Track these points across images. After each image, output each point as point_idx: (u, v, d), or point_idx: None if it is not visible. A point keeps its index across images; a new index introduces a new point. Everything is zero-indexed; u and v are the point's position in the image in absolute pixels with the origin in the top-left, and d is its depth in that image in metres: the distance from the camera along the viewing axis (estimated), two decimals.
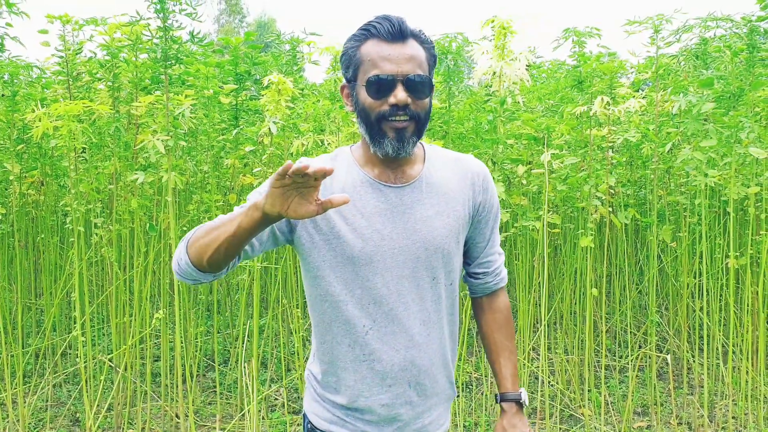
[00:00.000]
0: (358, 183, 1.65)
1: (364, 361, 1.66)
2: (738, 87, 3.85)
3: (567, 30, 4.27)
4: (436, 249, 1.65)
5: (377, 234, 1.62)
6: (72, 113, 3.41)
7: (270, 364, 4.84)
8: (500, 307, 1.88)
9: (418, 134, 1.61)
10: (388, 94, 1.55)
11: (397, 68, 1.55)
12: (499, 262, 1.86)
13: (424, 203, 1.66)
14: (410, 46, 1.58)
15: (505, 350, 1.84)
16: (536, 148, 4.17)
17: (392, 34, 1.57)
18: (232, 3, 38.28)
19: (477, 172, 1.75)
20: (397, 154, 1.59)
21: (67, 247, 5.17)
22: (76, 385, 4.68)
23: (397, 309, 1.64)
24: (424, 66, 1.60)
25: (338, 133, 3.73)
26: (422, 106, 1.59)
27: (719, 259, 4.49)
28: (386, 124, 1.57)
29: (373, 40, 1.58)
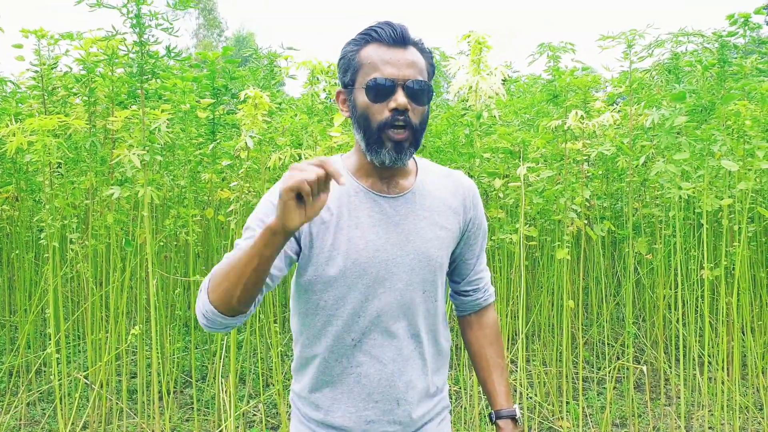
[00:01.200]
0: (351, 192, 1.61)
1: (351, 374, 1.63)
2: (709, 101, 3.91)
3: (542, 45, 4.32)
4: (429, 261, 1.64)
5: (371, 245, 1.58)
6: (47, 128, 3.38)
7: (248, 380, 4.81)
8: (489, 323, 1.85)
9: (415, 145, 1.57)
10: (388, 98, 1.52)
11: (398, 72, 1.52)
12: (488, 278, 1.85)
13: (418, 215, 1.64)
14: (411, 52, 1.56)
15: (497, 367, 1.81)
16: (512, 161, 4.20)
17: (394, 39, 1.54)
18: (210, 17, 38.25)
19: (468, 187, 1.74)
20: (393, 164, 1.55)
21: (42, 263, 5.11)
22: (51, 403, 4.60)
23: (387, 321, 1.61)
24: (425, 74, 1.58)
25: (316, 147, 3.73)
26: (420, 113, 1.55)
27: (695, 271, 4.54)
28: (386, 135, 1.53)
29: (373, 45, 1.55)
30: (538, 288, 5.41)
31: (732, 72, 3.95)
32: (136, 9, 3.33)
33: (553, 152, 4.15)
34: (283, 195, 1.25)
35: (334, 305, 1.60)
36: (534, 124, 4.87)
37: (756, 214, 4.67)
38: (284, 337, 5.72)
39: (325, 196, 1.30)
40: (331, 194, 1.59)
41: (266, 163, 3.80)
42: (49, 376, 4.75)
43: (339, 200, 1.60)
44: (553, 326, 4.87)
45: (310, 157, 3.65)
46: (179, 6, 3.40)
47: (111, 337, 3.96)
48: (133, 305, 5.18)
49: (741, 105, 3.63)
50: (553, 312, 4.85)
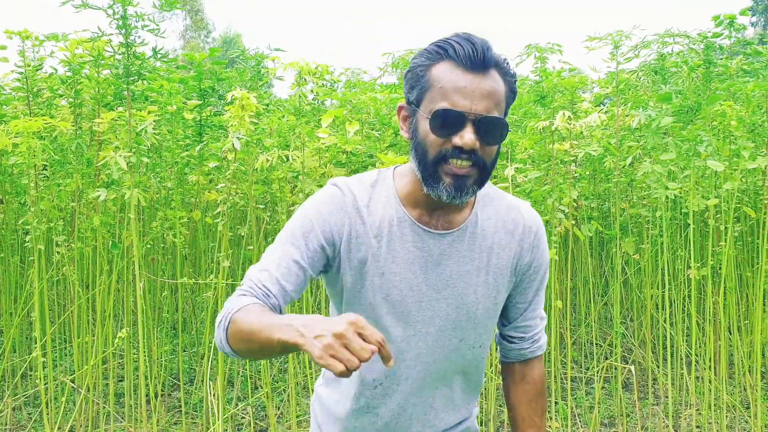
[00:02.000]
0: (395, 221, 1.44)
1: (367, 413, 1.54)
2: (695, 101, 3.94)
3: (529, 46, 4.33)
4: (469, 310, 1.48)
5: (405, 283, 1.44)
6: (32, 130, 3.36)
7: (236, 383, 4.79)
8: (534, 378, 1.65)
9: (480, 183, 1.38)
10: (455, 132, 1.32)
11: (470, 104, 1.31)
12: (540, 327, 1.64)
13: (464, 256, 1.47)
14: (491, 78, 1.34)
15: (531, 428, 1.63)
16: (500, 162, 4.21)
17: (473, 61, 1.32)
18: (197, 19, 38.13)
19: (529, 226, 1.53)
20: (451, 201, 1.37)
21: (27, 267, 5.06)
22: (37, 408, 4.57)
23: (414, 368, 1.49)
24: (502, 106, 1.36)
25: (303, 149, 3.72)
26: (490, 152, 1.36)
27: (681, 270, 4.57)
28: (444, 167, 1.34)
29: (448, 63, 1.34)
30: None
31: (718, 73, 3.97)
32: (122, 10, 3.31)
33: (540, 153, 4.16)
34: (314, 353, 1.07)
35: None
36: (521, 125, 4.88)
37: (742, 214, 4.70)
38: None
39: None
40: (374, 219, 1.45)
41: (253, 165, 3.78)
42: (35, 380, 4.71)
43: (381, 227, 1.45)
44: None
45: (297, 159, 3.64)
46: (165, 7, 3.39)
47: (98, 340, 3.93)
48: (120, 308, 5.15)
49: (726, 105, 3.66)
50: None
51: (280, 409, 4.53)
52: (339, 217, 1.44)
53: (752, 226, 4.98)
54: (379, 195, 1.47)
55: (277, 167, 3.90)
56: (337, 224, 1.44)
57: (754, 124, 4.17)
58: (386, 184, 1.49)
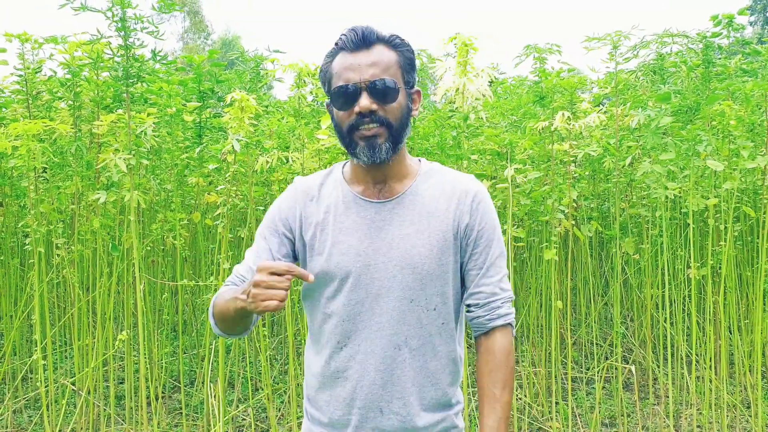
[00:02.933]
0: (341, 199, 1.65)
1: (337, 378, 1.63)
2: (695, 101, 3.94)
3: (528, 47, 4.34)
4: (413, 269, 1.58)
5: (352, 249, 1.59)
6: (31, 132, 3.36)
7: (237, 384, 4.79)
8: (493, 348, 1.64)
9: (392, 140, 1.57)
10: (353, 103, 1.53)
11: (358, 75, 1.53)
12: (498, 297, 1.65)
13: (404, 220, 1.61)
14: (375, 52, 1.56)
15: (489, 399, 1.60)
16: (500, 163, 4.21)
17: (355, 43, 1.55)
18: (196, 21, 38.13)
19: (466, 190, 1.65)
20: (372, 161, 1.55)
21: (27, 269, 5.06)
22: (38, 410, 4.57)
23: (370, 328, 1.59)
24: (393, 70, 1.57)
25: (303, 150, 3.72)
26: (392, 111, 1.55)
27: (681, 270, 4.57)
28: (356, 134, 1.55)
29: (341, 53, 1.57)
30: (526, 289, 5.42)
31: (716, 73, 3.98)
32: (121, 12, 3.31)
33: (540, 153, 4.16)
34: (250, 307, 1.42)
35: (324, 308, 1.64)
36: (521, 126, 4.88)
37: (741, 214, 4.70)
38: (273, 341, 5.70)
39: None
40: (324, 202, 1.67)
41: (253, 167, 3.79)
42: (36, 382, 4.71)
43: (328, 207, 1.65)
44: (542, 327, 4.88)
45: (297, 160, 3.64)
46: (164, 9, 3.39)
47: (98, 342, 3.93)
48: (120, 310, 5.15)
49: (726, 105, 3.66)
50: (542, 313, 4.86)
51: (280, 410, 4.53)
52: (291, 205, 1.69)
53: (752, 225, 4.98)
54: (331, 180, 1.70)
55: (277, 169, 3.91)
56: (291, 211, 1.69)
57: (753, 124, 4.17)
58: (337, 171, 1.72)
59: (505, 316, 1.66)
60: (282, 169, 3.90)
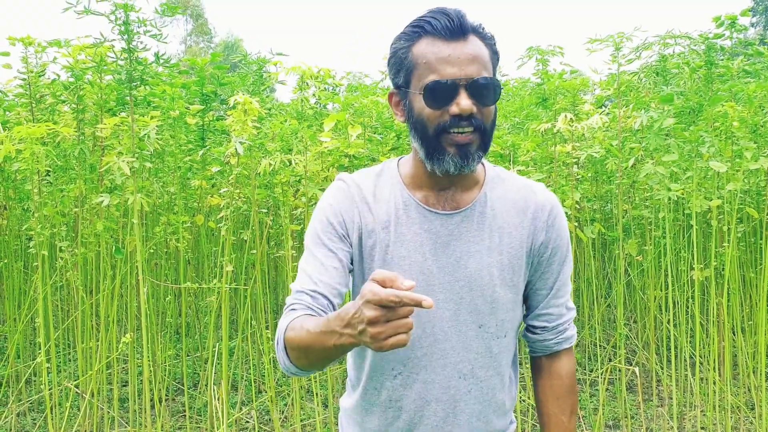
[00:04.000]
0: (401, 205, 1.44)
1: (389, 407, 1.48)
2: (697, 102, 3.94)
3: (530, 48, 4.34)
4: (484, 292, 1.42)
5: (415, 267, 1.42)
6: (35, 136, 3.37)
7: (240, 387, 4.79)
8: (560, 373, 1.56)
9: (483, 148, 1.38)
10: (450, 102, 1.32)
11: (459, 71, 1.32)
12: (566, 317, 1.56)
13: (474, 236, 1.43)
14: (472, 43, 1.35)
15: (557, 427, 1.53)
16: (502, 164, 4.21)
17: (451, 30, 1.33)
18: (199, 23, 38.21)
19: (542, 205, 1.49)
20: (459, 171, 1.36)
21: (31, 272, 5.07)
22: (41, 413, 4.57)
23: (432, 355, 1.43)
24: (489, 66, 1.37)
25: (306, 153, 3.73)
26: (488, 114, 1.36)
27: (685, 272, 4.56)
28: (446, 139, 1.34)
29: (427, 39, 1.35)
30: None
31: (719, 74, 3.97)
32: (125, 16, 3.32)
33: (542, 155, 4.16)
34: (375, 347, 1.09)
35: None
36: (523, 128, 4.88)
37: (745, 215, 4.69)
38: None
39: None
40: (380, 205, 1.46)
41: (256, 169, 3.79)
42: (40, 385, 4.72)
43: (387, 213, 1.45)
44: None
45: (300, 163, 3.64)
46: (167, 13, 3.40)
47: (102, 345, 3.94)
48: (124, 313, 5.15)
49: (728, 106, 3.66)
50: None
51: (284, 413, 4.53)
52: (349, 206, 1.46)
53: (755, 226, 4.97)
54: (384, 183, 1.48)
55: (280, 171, 3.91)
56: (348, 214, 1.45)
57: (756, 125, 4.17)
58: (390, 171, 1.50)
59: (571, 339, 1.57)
60: (285, 172, 3.90)
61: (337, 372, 4.77)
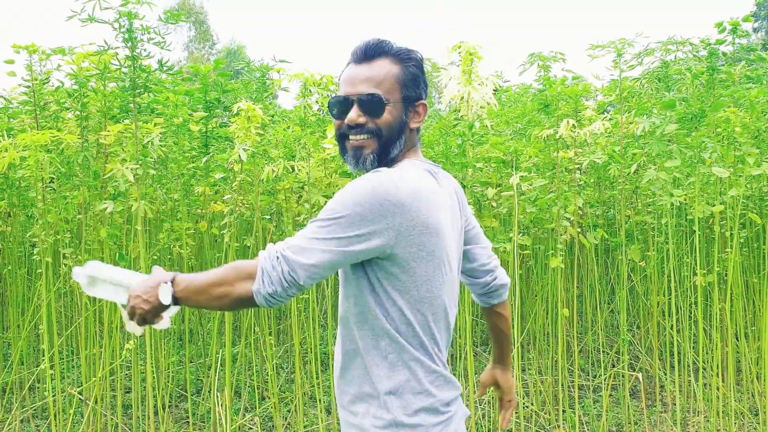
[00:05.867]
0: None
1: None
2: (699, 108, 3.94)
3: (532, 55, 4.35)
4: None
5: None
6: (39, 143, 3.38)
7: (243, 393, 4.79)
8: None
9: (379, 152, 1.64)
10: (345, 114, 1.63)
11: (352, 89, 1.63)
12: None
13: None
14: (374, 66, 1.64)
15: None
16: (505, 170, 4.22)
17: (357, 55, 1.65)
18: (201, 30, 38.31)
19: None
20: (356, 170, 1.65)
21: (35, 279, 5.09)
22: (45, 420, 4.58)
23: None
24: (386, 84, 1.63)
25: (309, 159, 3.74)
26: (382, 123, 1.62)
27: (688, 277, 4.56)
28: (346, 143, 1.66)
29: (350, 64, 1.68)
30: (532, 296, 5.42)
31: (721, 79, 3.98)
32: (128, 24, 3.34)
33: (545, 161, 4.17)
34: None
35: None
36: (526, 134, 4.89)
37: (747, 220, 4.69)
38: (279, 350, 5.70)
39: None
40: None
41: (260, 176, 3.80)
42: (43, 392, 4.72)
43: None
44: (548, 335, 4.87)
45: (303, 169, 3.65)
46: (171, 20, 3.42)
47: (105, 352, 3.94)
48: None
49: (730, 112, 3.66)
50: (548, 320, 4.85)
51: (287, 419, 4.53)
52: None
53: (758, 232, 4.97)
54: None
55: (283, 178, 3.92)
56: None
57: (758, 130, 4.17)
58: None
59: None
60: (288, 178, 3.91)
61: None
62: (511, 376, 2.10)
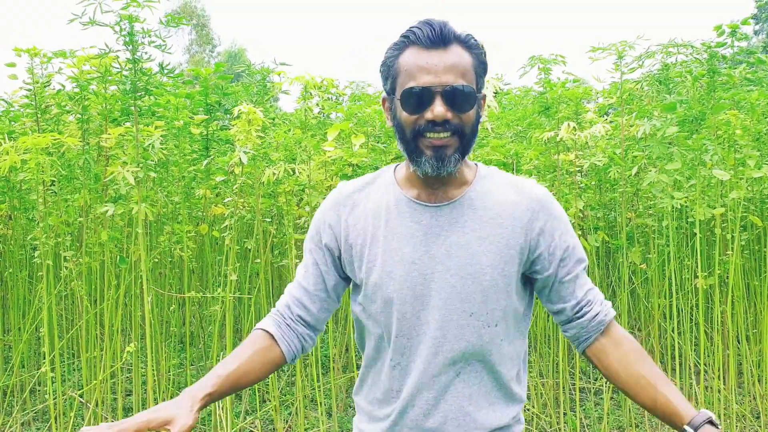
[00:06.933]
0: (392, 203, 1.51)
1: (393, 397, 1.53)
2: (700, 111, 3.95)
3: (533, 57, 4.35)
4: (475, 280, 1.45)
5: (408, 258, 1.47)
6: (40, 146, 3.39)
7: (244, 396, 4.79)
8: (625, 338, 1.53)
9: (462, 151, 1.44)
10: (426, 107, 1.40)
11: (435, 78, 1.39)
12: (599, 296, 1.57)
13: (464, 226, 1.47)
14: (452, 52, 1.42)
15: (659, 377, 1.46)
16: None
17: (432, 39, 1.41)
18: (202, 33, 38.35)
19: (536, 197, 1.52)
20: (437, 174, 1.43)
21: (35, 282, 5.09)
22: (46, 423, 4.57)
23: (425, 344, 1.47)
24: (469, 75, 1.43)
25: (309, 162, 3.74)
26: (466, 120, 1.42)
27: (689, 280, 4.55)
28: (423, 141, 1.42)
29: (412, 48, 1.43)
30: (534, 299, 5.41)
31: (721, 82, 3.98)
32: (129, 27, 3.34)
33: (545, 164, 4.17)
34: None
35: (375, 322, 1.52)
36: (526, 136, 4.89)
37: (748, 223, 4.69)
38: None
39: None
40: (370, 204, 1.54)
41: (260, 179, 3.81)
42: (44, 395, 4.72)
43: (377, 211, 1.52)
44: (549, 337, 4.87)
45: (303, 172, 3.65)
46: (171, 24, 3.42)
47: (106, 355, 3.94)
48: (128, 322, 5.16)
49: (731, 114, 3.66)
50: (549, 323, 4.85)
51: (288, 422, 4.53)
52: (335, 212, 1.57)
53: (759, 234, 4.97)
54: (380, 184, 1.57)
55: (284, 180, 3.92)
56: (334, 219, 1.57)
57: (759, 133, 4.17)
58: (386, 174, 1.59)
59: (610, 308, 1.56)
60: (289, 181, 3.91)
61: (341, 381, 4.77)
62: None
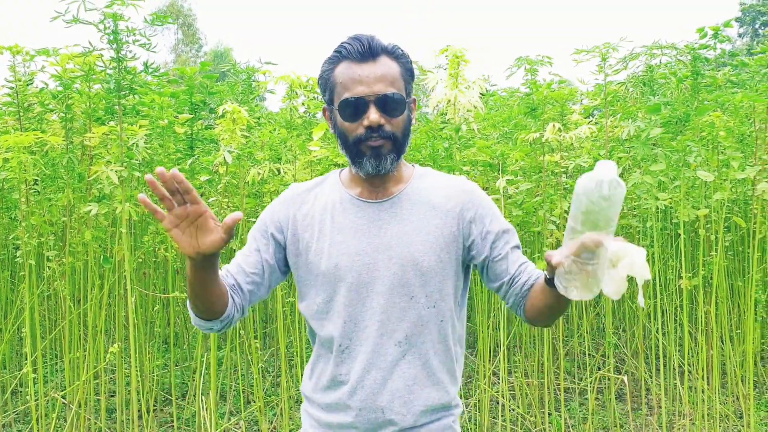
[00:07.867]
0: (338, 201, 1.67)
1: (341, 381, 1.64)
2: (684, 112, 3.97)
3: (519, 58, 4.35)
4: (414, 266, 1.60)
5: (352, 249, 1.61)
6: (23, 144, 3.35)
7: (229, 397, 4.76)
8: None
9: (396, 151, 1.60)
10: (362, 116, 1.56)
11: (368, 89, 1.55)
12: (529, 266, 1.66)
13: (403, 218, 1.63)
14: (381, 63, 1.58)
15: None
16: (491, 174, 4.23)
17: (362, 53, 1.57)
18: (189, 33, 38.18)
19: (463, 189, 1.69)
20: (376, 171, 1.59)
21: (18, 282, 5.04)
22: (28, 424, 4.53)
23: (371, 327, 1.60)
24: (398, 83, 1.60)
25: (295, 162, 3.73)
26: (397, 124, 1.59)
27: (673, 281, 4.58)
28: (363, 145, 1.57)
29: (344, 62, 1.59)
30: None
31: (705, 84, 4.01)
32: (114, 25, 3.32)
33: (531, 165, 4.18)
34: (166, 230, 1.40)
35: (322, 311, 1.64)
36: (512, 137, 4.90)
37: (732, 224, 4.72)
38: (265, 354, 5.68)
39: (217, 235, 1.40)
40: (319, 204, 1.69)
41: (245, 178, 3.79)
42: (26, 396, 4.68)
43: (324, 208, 1.68)
44: (534, 337, 4.88)
45: (289, 172, 3.64)
46: (156, 22, 3.40)
47: (89, 355, 3.91)
48: (112, 323, 5.12)
49: (715, 116, 3.69)
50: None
51: (272, 423, 4.51)
52: (285, 207, 1.72)
53: (743, 235, 5.01)
54: (327, 184, 1.74)
55: (269, 180, 3.91)
56: (283, 213, 1.71)
57: (742, 135, 4.20)
58: (334, 176, 1.75)
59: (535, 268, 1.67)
60: (274, 181, 3.90)
61: None
62: None
